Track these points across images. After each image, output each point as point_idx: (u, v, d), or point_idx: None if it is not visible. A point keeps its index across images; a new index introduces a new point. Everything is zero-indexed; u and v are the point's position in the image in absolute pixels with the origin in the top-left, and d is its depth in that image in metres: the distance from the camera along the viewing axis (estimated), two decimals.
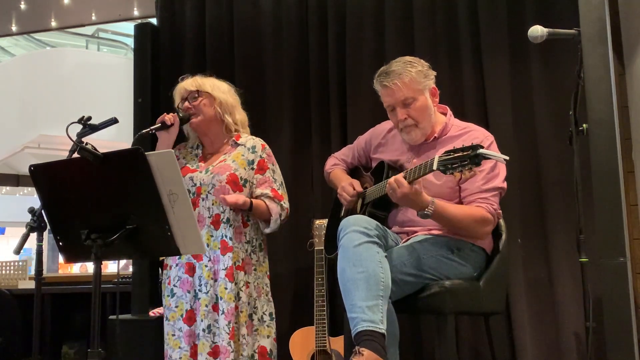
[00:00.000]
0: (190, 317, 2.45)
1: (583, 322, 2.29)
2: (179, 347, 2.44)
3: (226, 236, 2.47)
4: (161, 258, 3.32)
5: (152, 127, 2.53)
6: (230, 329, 2.38)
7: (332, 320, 2.88)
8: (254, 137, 2.67)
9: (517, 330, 2.99)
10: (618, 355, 1.98)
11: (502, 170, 2.33)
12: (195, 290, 2.47)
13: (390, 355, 2.05)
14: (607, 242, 2.03)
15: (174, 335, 2.47)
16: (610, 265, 2.01)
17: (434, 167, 2.01)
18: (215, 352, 2.39)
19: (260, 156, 2.59)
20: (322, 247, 2.93)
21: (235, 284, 2.43)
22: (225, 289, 2.41)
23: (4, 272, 4.34)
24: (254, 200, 2.50)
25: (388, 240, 2.25)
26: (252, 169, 2.58)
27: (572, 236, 2.39)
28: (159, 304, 3.23)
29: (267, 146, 2.65)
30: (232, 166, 2.53)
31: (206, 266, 2.46)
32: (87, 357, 1.68)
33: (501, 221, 2.50)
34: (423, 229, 2.35)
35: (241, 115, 2.68)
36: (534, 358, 2.97)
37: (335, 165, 2.82)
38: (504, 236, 2.45)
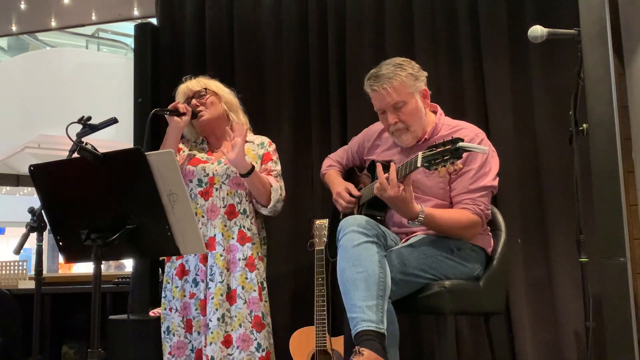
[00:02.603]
0: (203, 307, 2.46)
1: (583, 322, 2.29)
2: (199, 335, 2.46)
3: (244, 226, 2.53)
4: (161, 258, 3.33)
5: (166, 109, 2.56)
6: (253, 317, 2.43)
7: (332, 320, 2.88)
8: (259, 135, 2.76)
9: (517, 330, 2.99)
10: (618, 355, 1.97)
11: (493, 168, 2.31)
12: (207, 280, 2.48)
13: (391, 356, 2.05)
14: (607, 242, 2.03)
15: (164, 332, 2.50)
16: (610, 265, 2.01)
17: (419, 164, 2.01)
18: (227, 341, 2.41)
19: (267, 150, 2.68)
20: (322, 247, 2.93)
21: (259, 274, 2.51)
22: (246, 278, 2.46)
23: (4, 272, 4.34)
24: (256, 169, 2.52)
25: (387, 240, 2.25)
26: (261, 162, 2.65)
27: (572, 236, 2.39)
28: (158, 304, 3.23)
29: (273, 143, 2.74)
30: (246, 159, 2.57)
31: (221, 255, 2.47)
32: (87, 357, 1.68)
33: (501, 221, 2.50)
34: (422, 229, 2.34)
35: (244, 117, 2.76)
36: (534, 358, 2.97)
37: (330, 167, 2.82)
38: (503, 236, 2.45)
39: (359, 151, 2.69)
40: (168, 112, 2.55)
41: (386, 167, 2.41)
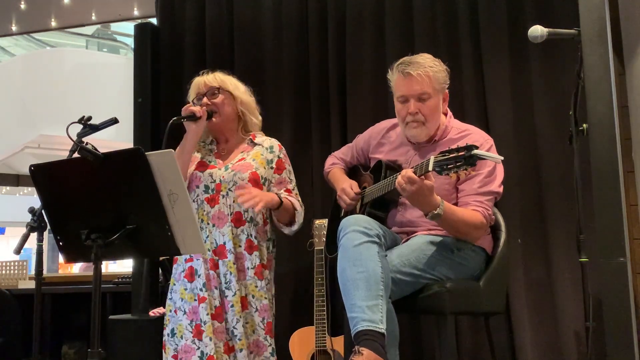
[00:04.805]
0: (219, 314, 2.41)
1: (583, 322, 2.29)
2: (210, 340, 2.37)
3: (251, 235, 2.49)
4: (162, 258, 3.33)
5: (183, 116, 2.47)
6: (266, 324, 2.44)
7: (332, 320, 2.88)
8: (269, 137, 2.69)
9: (517, 330, 2.99)
10: (618, 355, 1.97)
11: (500, 175, 2.33)
12: (221, 288, 2.44)
13: (390, 355, 2.05)
14: (607, 242, 2.02)
15: (167, 334, 2.44)
16: (610, 265, 2.00)
17: (430, 168, 2.01)
18: (247, 347, 2.42)
19: (278, 156, 2.62)
20: (322, 247, 2.93)
21: (269, 281, 2.52)
22: (256, 287, 2.45)
23: (4, 272, 4.34)
24: (282, 197, 2.51)
25: (388, 239, 2.25)
26: (272, 168, 2.59)
27: (572, 236, 2.39)
28: (158, 304, 3.23)
29: (282, 147, 2.68)
30: (253, 165, 2.54)
31: (234, 263, 2.44)
32: (87, 357, 1.68)
33: (501, 221, 2.50)
34: (423, 229, 2.35)
35: (258, 117, 2.70)
36: (534, 358, 2.97)
37: (334, 165, 2.81)
38: (504, 236, 2.45)
39: (364, 148, 2.68)
40: (185, 119, 2.47)
41: (393, 168, 2.41)
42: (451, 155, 1.96)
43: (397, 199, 2.41)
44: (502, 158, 2.01)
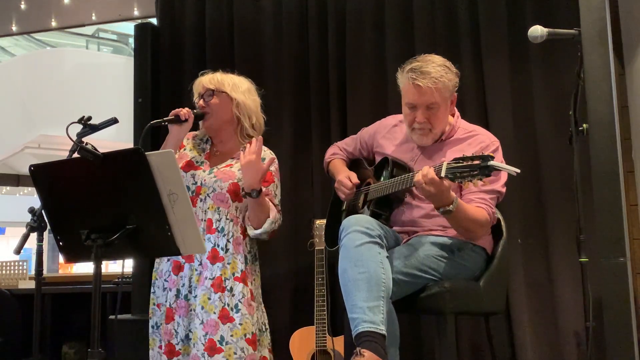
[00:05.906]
0: (169, 316, 2.39)
1: (583, 322, 2.29)
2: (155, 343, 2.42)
3: (218, 245, 2.38)
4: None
5: (165, 119, 2.42)
6: (207, 340, 2.29)
7: (332, 320, 2.88)
8: (265, 148, 2.54)
9: (517, 330, 2.99)
10: (618, 355, 1.97)
11: (504, 175, 2.32)
12: (177, 290, 2.40)
13: (391, 356, 2.05)
14: (607, 242, 2.02)
15: (152, 327, 2.44)
16: (610, 265, 2.00)
17: (442, 175, 2.00)
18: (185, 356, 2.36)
19: (268, 168, 2.47)
20: (322, 247, 2.93)
21: (233, 295, 2.34)
22: (209, 299, 2.33)
23: (4, 272, 4.34)
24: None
25: (389, 240, 2.25)
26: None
27: (572, 236, 2.39)
28: None
29: (275, 160, 2.56)
30: (237, 175, 2.44)
31: (196, 270, 2.39)
32: (87, 357, 1.68)
33: (501, 221, 2.50)
34: (424, 229, 2.35)
35: (259, 120, 2.58)
36: (534, 358, 2.97)
37: (335, 155, 2.80)
38: (504, 236, 2.46)
39: (369, 142, 2.67)
40: (166, 123, 2.42)
41: (401, 166, 2.40)
42: (465, 164, 1.94)
43: (403, 197, 2.40)
44: (519, 170, 1.98)
